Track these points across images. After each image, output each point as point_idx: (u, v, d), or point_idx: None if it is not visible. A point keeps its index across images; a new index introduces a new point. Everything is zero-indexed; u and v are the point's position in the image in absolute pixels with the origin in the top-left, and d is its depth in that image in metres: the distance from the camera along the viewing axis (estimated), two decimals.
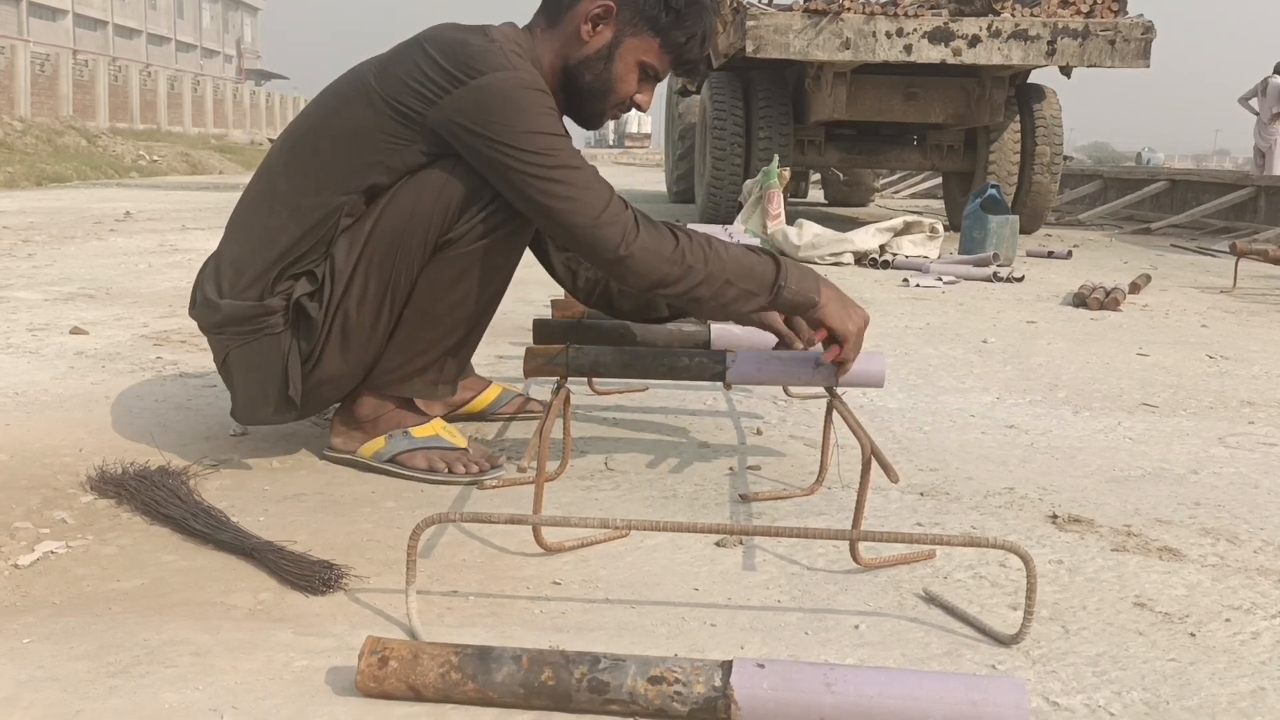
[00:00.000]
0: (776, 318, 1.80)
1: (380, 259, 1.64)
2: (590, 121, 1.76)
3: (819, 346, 1.72)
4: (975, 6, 6.73)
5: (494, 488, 1.70)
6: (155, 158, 16.72)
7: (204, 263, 1.76)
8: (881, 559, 1.43)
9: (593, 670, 1.01)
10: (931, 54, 6.55)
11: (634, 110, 1.77)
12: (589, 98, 1.72)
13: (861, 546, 1.42)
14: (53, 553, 1.38)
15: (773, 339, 1.83)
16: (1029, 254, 6.12)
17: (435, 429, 1.76)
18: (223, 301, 1.68)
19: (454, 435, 1.78)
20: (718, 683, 0.99)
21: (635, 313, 1.97)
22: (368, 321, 1.67)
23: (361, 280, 1.65)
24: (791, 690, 0.98)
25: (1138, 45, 6.62)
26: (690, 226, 1.72)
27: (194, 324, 1.78)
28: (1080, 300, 4.14)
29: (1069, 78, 7.13)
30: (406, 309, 1.70)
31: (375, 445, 1.75)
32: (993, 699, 0.96)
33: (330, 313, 1.66)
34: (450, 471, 1.72)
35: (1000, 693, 0.97)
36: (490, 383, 2.13)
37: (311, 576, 1.29)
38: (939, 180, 10.96)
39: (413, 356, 1.73)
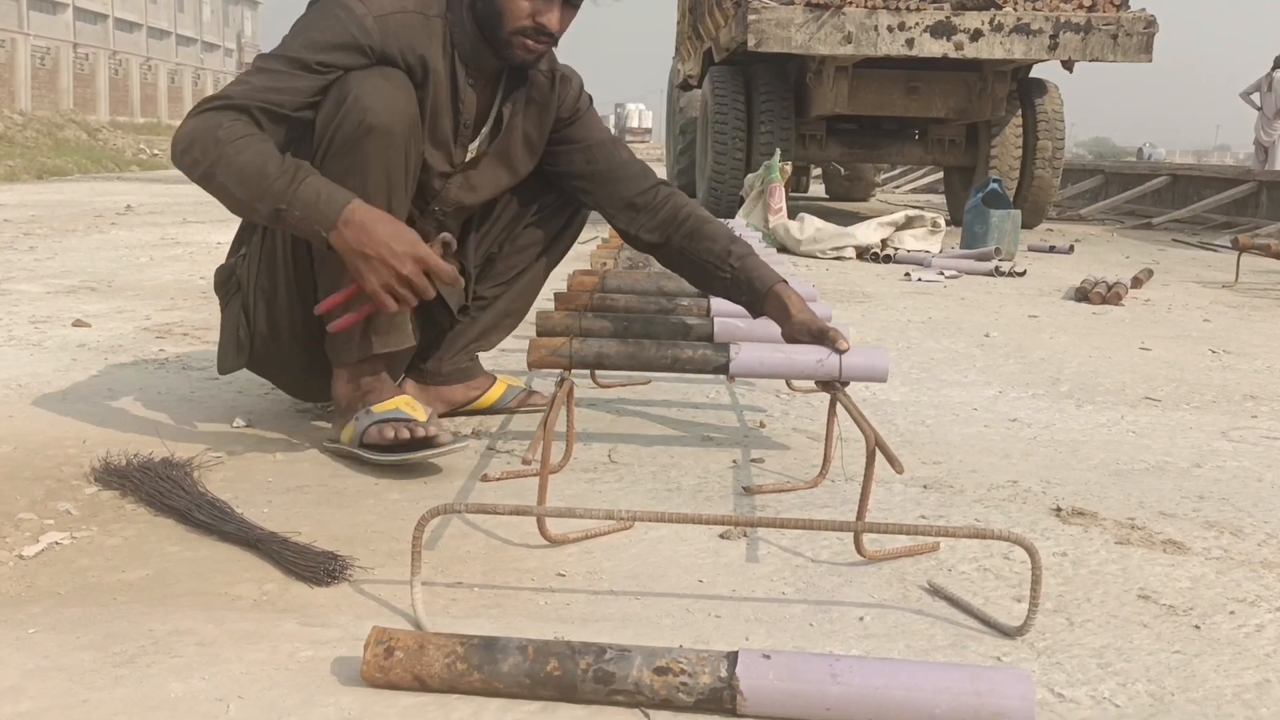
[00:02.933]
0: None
1: None
2: (508, 55, 1.72)
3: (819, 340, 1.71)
4: (977, 0, 6.71)
5: (453, 452, 1.71)
6: (156, 151, 16.71)
7: None
8: (886, 551, 1.43)
9: (598, 661, 1.01)
10: (933, 48, 6.54)
11: (542, 35, 1.68)
12: (489, 29, 1.69)
13: (866, 538, 1.42)
14: (57, 544, 1.38)
15: (776, 332, 1.83)
16: (1030, 249, 6.12)
17: (397, 403, 1.74)
18: (216, 270, 1.91)
19: (415, 409, 1.74)
20: (723, 673, 0.99)
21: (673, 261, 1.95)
22: (267, 274, 1.78)
23: (262, 235, 1.78)
24: (797, 681, 0.99)
25: (1140, 40, 6.61)
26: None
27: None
28: (1082, 295, 4.13)
29: (1071, 72, 7.13)
30: (314, 263, 1.73)
31: (349, 430, 1.75)
32: (998, 690, 0.96)
33: (251, 268, 1.80)
34: (396, 439, 1.67)
35: (1006, 683, 0.97)
36: (495, 379, 2.13)
37: (316, 567, 1.29)
38: (940, 175, 10.96)
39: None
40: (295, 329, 1.80)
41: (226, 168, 1.54)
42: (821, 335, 1.68)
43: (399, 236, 1.57)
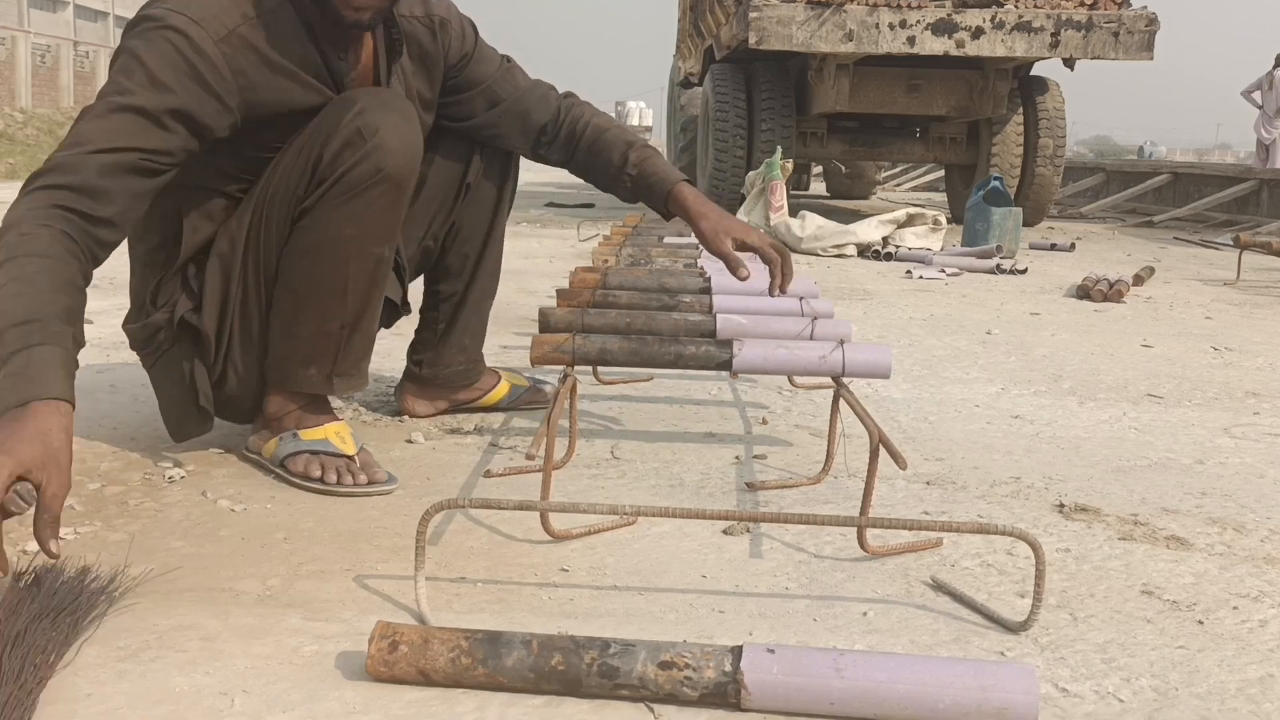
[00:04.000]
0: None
1: (258, 245, 1.61)
2: (339, 20, 1.53)
3: (827, 331, 1.71)
4: None
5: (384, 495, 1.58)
6: None
7: None
8: (889, 547, 1.43)
9: (603, 655, 1.01)
10: (935, 46, 6.54)
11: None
12: (316, 6, 1.54)
13: (869, 534, 1.42)
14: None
15: (779, 329, 1.83)
16: (1032, 246, 6.12)
17: (326, 433, 1.63)
18: (125, 329, 1.75)
19: (344, 441, 1.63)
20: (728, 668, 0.99)
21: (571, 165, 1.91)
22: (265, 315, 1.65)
23: (252, 273, 1.63)
24: (801, 675, 0.99)
25: (1141, 37, 6.61)
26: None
27: None
28: (1084, 292, 4.13)
29: (1072, 70, 7.13)
30: (276, 289, 1.62)
31: (272, 446, 1.66)
32: (1003, 684, 0.96)
33: (231, 314, 1.64)
34: (323, 480, 1.58)
35: (1011, 678, 0.97)
36: (500, 379, 2.11)
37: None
38: (941, 173, 10.95)
39: (296, 345, 1.63)
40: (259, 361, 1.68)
41: None
42: (725, 258, 1.75)
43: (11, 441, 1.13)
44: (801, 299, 2.01)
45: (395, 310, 1.91)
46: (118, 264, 1.58)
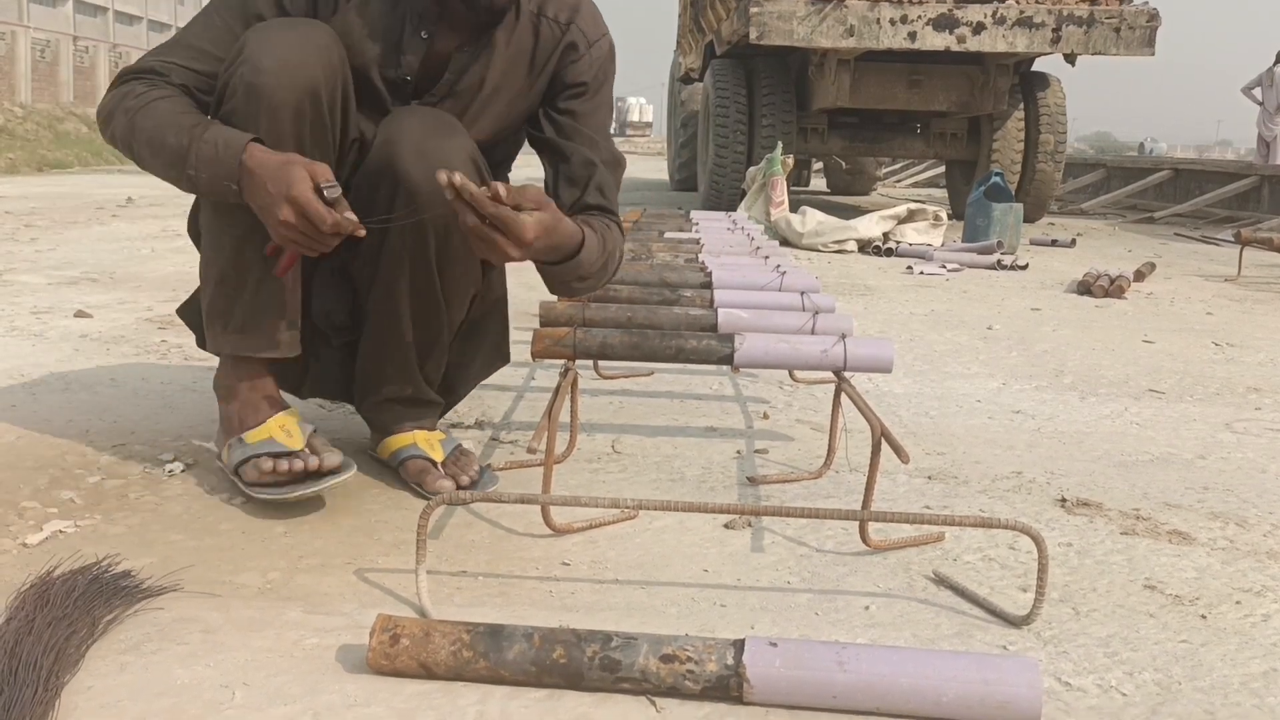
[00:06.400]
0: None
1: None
2: (464, 7, 1.46)
3: (831, 324, 1.71)
4: None
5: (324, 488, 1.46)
6: None
7: None
8: (890, 541, 1.43)
9: (605, 649, 1.01)
10: (936, 41, 6.53)
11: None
12: None
13: (871, 528, 1.42)
14: (61, 532, 1.37)
15: (780, 324, 1.82)
16: (1032, 242, 6.11)
17: (270, 430, 1.50)
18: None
19: (290, 434, 1.50)
20: (730, 661, 0.99)
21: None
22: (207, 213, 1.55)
23: None
24: (804, 669, 0.98)
25: (1142, 33, 6.60)
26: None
27: None
28: (1085, 288, 4.13)
29: (1073, 65, 7.11)
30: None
31: (225, 455, 1.54)
32: (1006, 678, 0.96)
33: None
34: (276, 480, 1.45)
35: (1014, 671, 0.97)
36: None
37: None
38: (942, 168, 10.94)
39: (205, 292, 1.54)
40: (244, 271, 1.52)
41: (138, 139, 1.39)
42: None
43: (278, 177, 1.32)
44: (803, 294, 2.01)
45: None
46: (117, 258, 1.57)
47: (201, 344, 1.66)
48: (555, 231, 1.35)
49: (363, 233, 1.35)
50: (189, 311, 1.69)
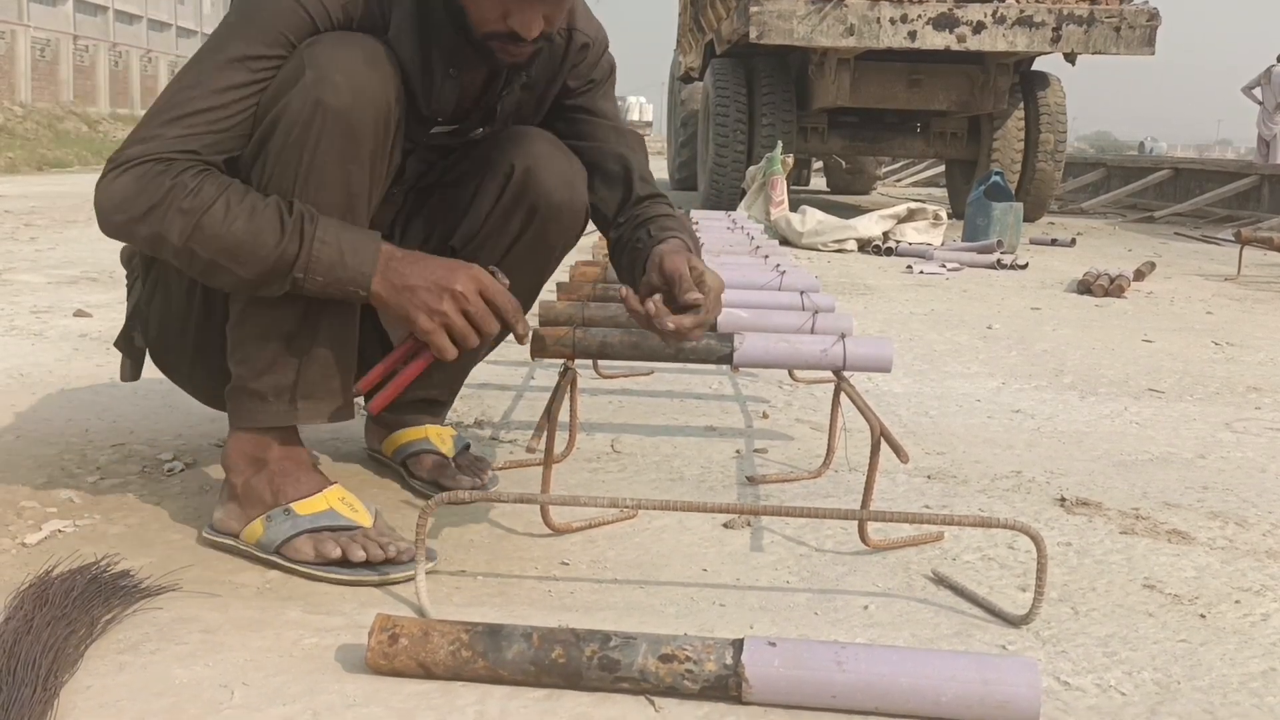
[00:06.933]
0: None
1: None
2: (489, 59, 1.32)
3: (831, 324, 1.71)
4: None
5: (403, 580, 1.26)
6: None
7: None
8: (890, 540, 1.43)
9: (604, 648, 1.01)
10: (936, 40, 6.53)
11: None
12: (457, 27, 1.30)
13: (870, 528, 1.41)
14: (60, 531, 1.37)
15: (780, 323, 1.82)
16: (1032, 241, 6.11)
17: (329, 499, 1.32)
18: None
19: (354, 508, 1.33)
20: (729, 661, 0.99)
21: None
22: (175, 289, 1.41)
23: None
24: (803, 668, 0.98)
25: (1143, 32, 6.60)
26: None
27: None
28: (1085, 287, 4.13)
29: (1073, 65, 7.11)
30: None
31: (255, 530, 1.31)
32: (1005, 678, 0.96)
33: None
34: (346, 561, 1.26)
35: (1013, 671, 0.97)
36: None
37: None
38: (942, 168, 10.94)
39: (245, 366, 1.32)
40: (188, 325, 1.42)
41: (209, 244, 1.20)
42: (672, 278, 1.29)
43: (450, 266, 1.26)
44: (802, 293, 2.01)
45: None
46: (117, 259, 1.57)
47: (202, 398, 1.53)
48: (718, 284, 1.33)
49: (526, 335, 1.30)
50: (131, 347, 1.49)
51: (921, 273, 4.64)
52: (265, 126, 1.25)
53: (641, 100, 46.00)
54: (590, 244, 3.04)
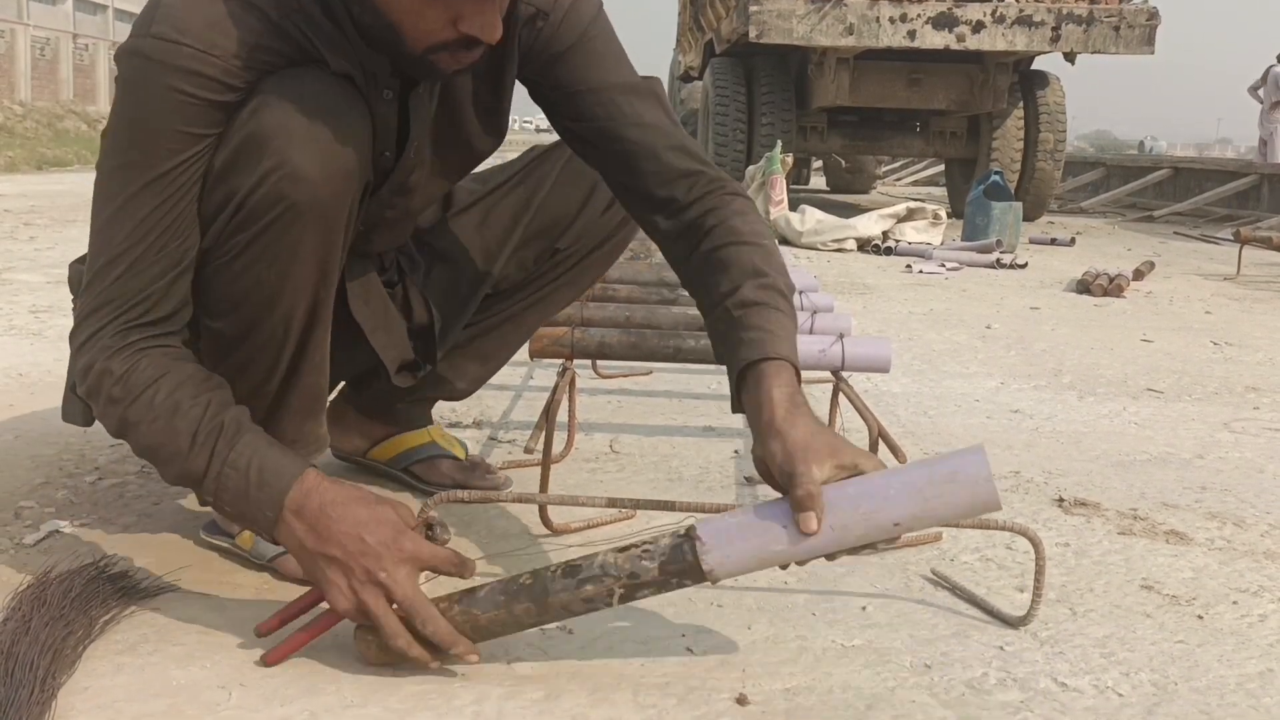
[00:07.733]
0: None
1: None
2: (425, 74, 1.16)
3: (832, 323, 1.71)
4: None
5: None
6: None
7: None
8: None
9: (566, 565, 1.04)
10: (935, 40, 6.53)
11: (474, 46, 1.09)
12: (381, 47, 1.12)
13: None
14: (58, 531, 1.37)
15: None
16: (1032, 241, 6.11)
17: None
18: None
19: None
20: (682, 532, 1.01)
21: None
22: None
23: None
24: (755, 517, 1.00)
25: (1142, 31, 6.60)
26: None
27: None
28: (1084, 287, 4.13)
29: (1073, 64, 7.12)
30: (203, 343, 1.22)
31: (248, 538, 1.30)
32: (959, 471, 0.98)
33: None
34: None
35: (963, 464, 0.98)
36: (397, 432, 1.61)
37: None
38: (941, 167, 10.94)
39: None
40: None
41: (137, 440, 1.10)
42: (795, 494, 1.01)
43: (374, 524, 1.05)
44: (801, 293, 2.01)
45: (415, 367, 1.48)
46: None
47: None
48: (779, 403, 1.08)
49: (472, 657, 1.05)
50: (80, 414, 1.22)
51: (921, 272, 4.64)
52: (223, 217, 1.11)
53: None
54: None
